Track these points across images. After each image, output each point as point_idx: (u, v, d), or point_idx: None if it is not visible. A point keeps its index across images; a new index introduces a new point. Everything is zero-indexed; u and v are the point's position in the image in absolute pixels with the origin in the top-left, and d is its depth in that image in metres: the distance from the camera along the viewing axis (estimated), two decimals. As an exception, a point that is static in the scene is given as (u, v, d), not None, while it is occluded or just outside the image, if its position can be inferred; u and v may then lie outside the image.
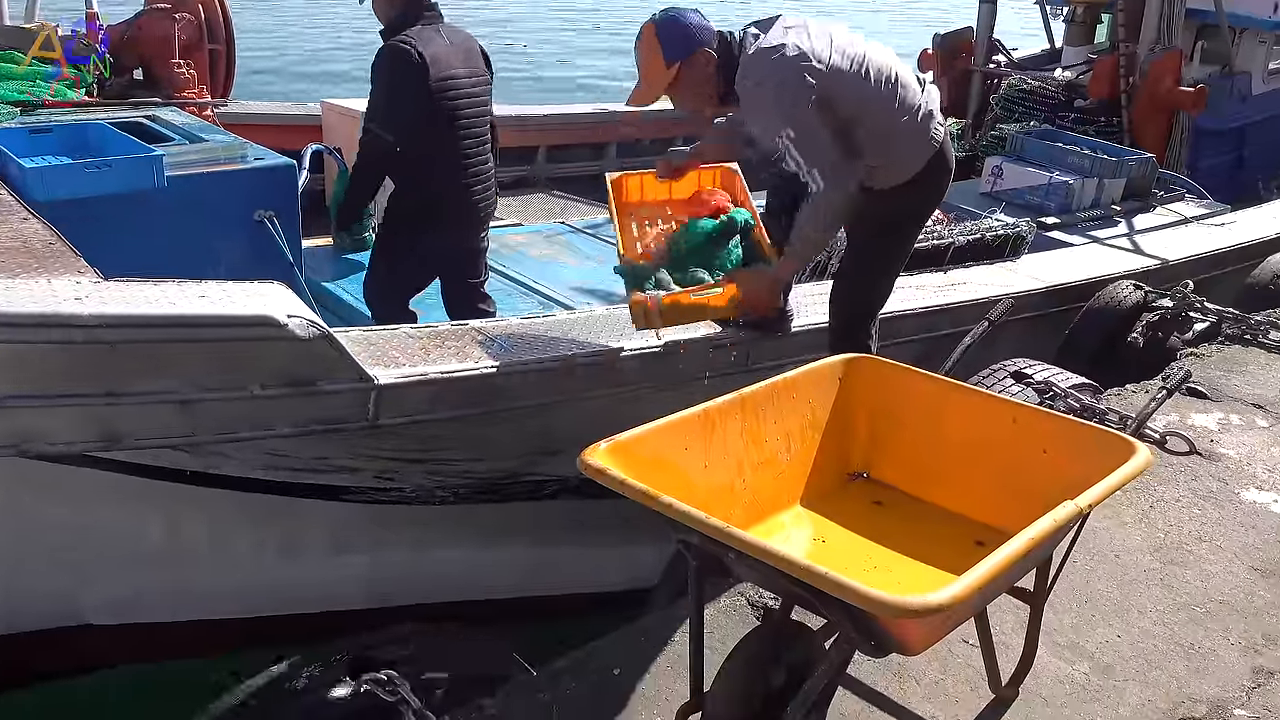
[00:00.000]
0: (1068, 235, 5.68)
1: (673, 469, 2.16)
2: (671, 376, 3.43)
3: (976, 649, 2.44)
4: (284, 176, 4.09)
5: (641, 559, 3.94)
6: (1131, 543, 3.22)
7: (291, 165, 4.15)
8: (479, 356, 3.17)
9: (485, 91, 4.14)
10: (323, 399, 2.87)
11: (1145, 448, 2.17)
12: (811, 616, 2.14)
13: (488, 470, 3.57)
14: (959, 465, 2.44)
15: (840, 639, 1.95)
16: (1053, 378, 3.94)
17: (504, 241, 5.57)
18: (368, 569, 3.80)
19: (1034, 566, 2.30)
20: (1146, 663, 2.70)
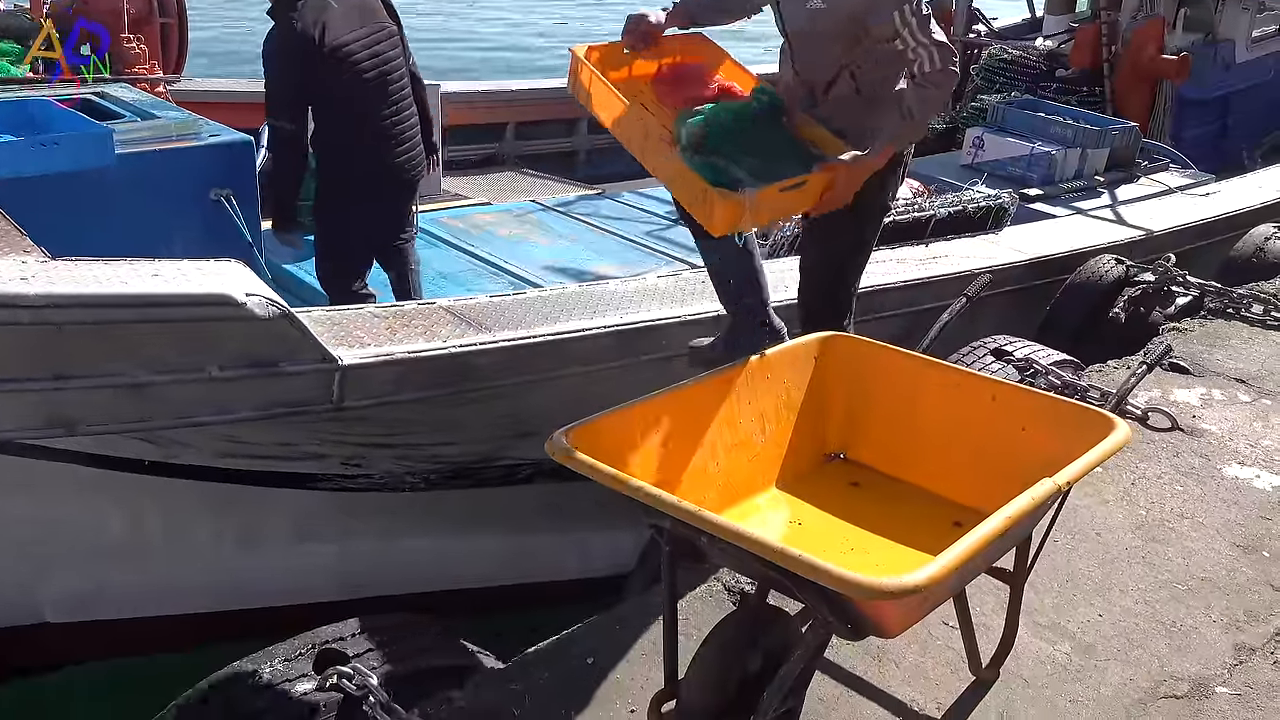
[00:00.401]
0: (1051, 207, 5.71)
1: (644, 452, 2.16)
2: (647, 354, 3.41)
3: (956, 631, 2.45)
4: (241, 154, 4.04)
5: (621, 544, 3.93)
6: (1113, 521, 3.25)
7: (249, 142, 4.10)
8: (446, 335, 3.15)
9: (391, 45, 4.04)
10: (285, 381, 2.84)
11: (1124, 424, 2.19)
12: (789, 601, 2.14)
13: (458, 454, 3.55)
14: (937, 445, 2.45)
15: (816, 623, 1.96)
16: (1033, 354, 3.96)
17: (472, 221, 5.54)
18: (336, 560, 3.78)
19: (1013, 546, 2.31)
20: (1128, 641, 2.73)
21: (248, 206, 4.02)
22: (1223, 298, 4.92)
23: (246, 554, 3.66)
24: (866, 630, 1.96)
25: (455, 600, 3.87)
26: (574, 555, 4.10)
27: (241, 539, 3.65)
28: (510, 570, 4.04)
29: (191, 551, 3.58)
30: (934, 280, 4.36)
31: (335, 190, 4.04)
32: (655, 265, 4.89)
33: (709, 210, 2.52)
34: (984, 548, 1.84)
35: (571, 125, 7.56)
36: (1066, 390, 3.72)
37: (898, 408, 2.53)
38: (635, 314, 3.51)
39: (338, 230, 4.09)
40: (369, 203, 4.04)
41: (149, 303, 2.55)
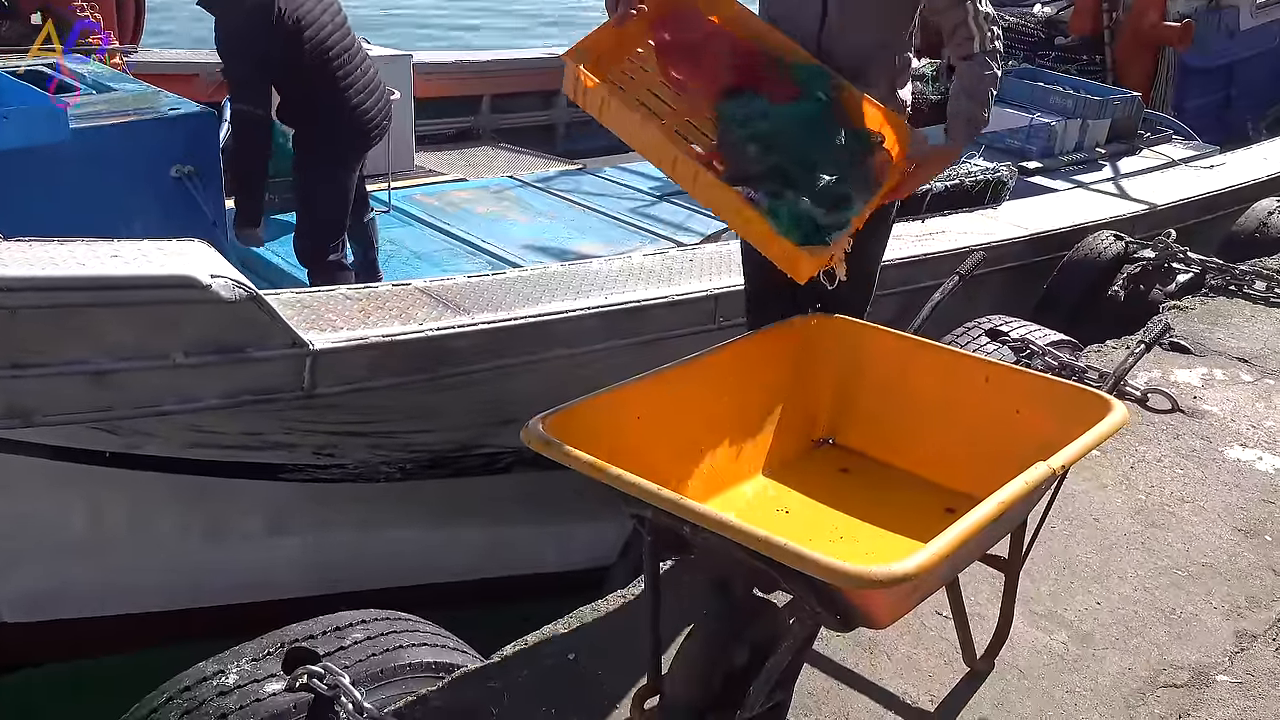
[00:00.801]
0: (1051, 180, 5.73)
1: (625, 439, 2.15)
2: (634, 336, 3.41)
3: (950, 621, 2.46)
4: (203, 129, 4.00)
5: (605, 536, 3.94)
6: (1111, 506, 3.27)
7: (211, 116, 4.06)
8: (423, 318, 3.14)
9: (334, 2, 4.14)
10: (253, 367, 2.82)
11: (1121, 405, 2.20)
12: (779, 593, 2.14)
13: (436, 443, 3.54)
14: (929, 428, 2.46)
15: (804, 614, 1.95)
16: (1030, 335, 3.98)
17: (448, 198, 5.52)
18: (308, 553, 3.77)
19: (1007, 532, 2.32)
20: (1127, 630, 2.75)
21: (210, 184, 3.99)
22: (1225, 274, 4.95)
23: (214, 548, 3.64)
24: (856, 621, 1.95)
25: (433, 594, 3.85)
26: (556, 547, 4.10)
27: (209, 533, 3.63)
28: (490, 563, 4.04)
29: (156, 546, 3.55)
30: (930, 257, 4.37)
31: (318, 155, 4.10)
32: (640, 243, 4.88)
33: (793, 264, 2.39)
34: (977, 534, 1.84)
35: (550, 97, 7.52)
36: (1064, 371, 3.74)
37: (888, 391, 2.53)
38: (621, 294, 3.50)
39: (325, 196, 4.14)
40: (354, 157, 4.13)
41: (108, 285, 2.53)
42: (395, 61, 5.75)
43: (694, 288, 3.64)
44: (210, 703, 2.18)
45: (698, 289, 3.64)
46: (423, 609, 3.05)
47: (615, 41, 2.57)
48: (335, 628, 2.40)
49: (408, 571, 3.87)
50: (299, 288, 3.45)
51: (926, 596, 2.21)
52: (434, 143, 6.81)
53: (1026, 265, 4.77)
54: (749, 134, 2.43)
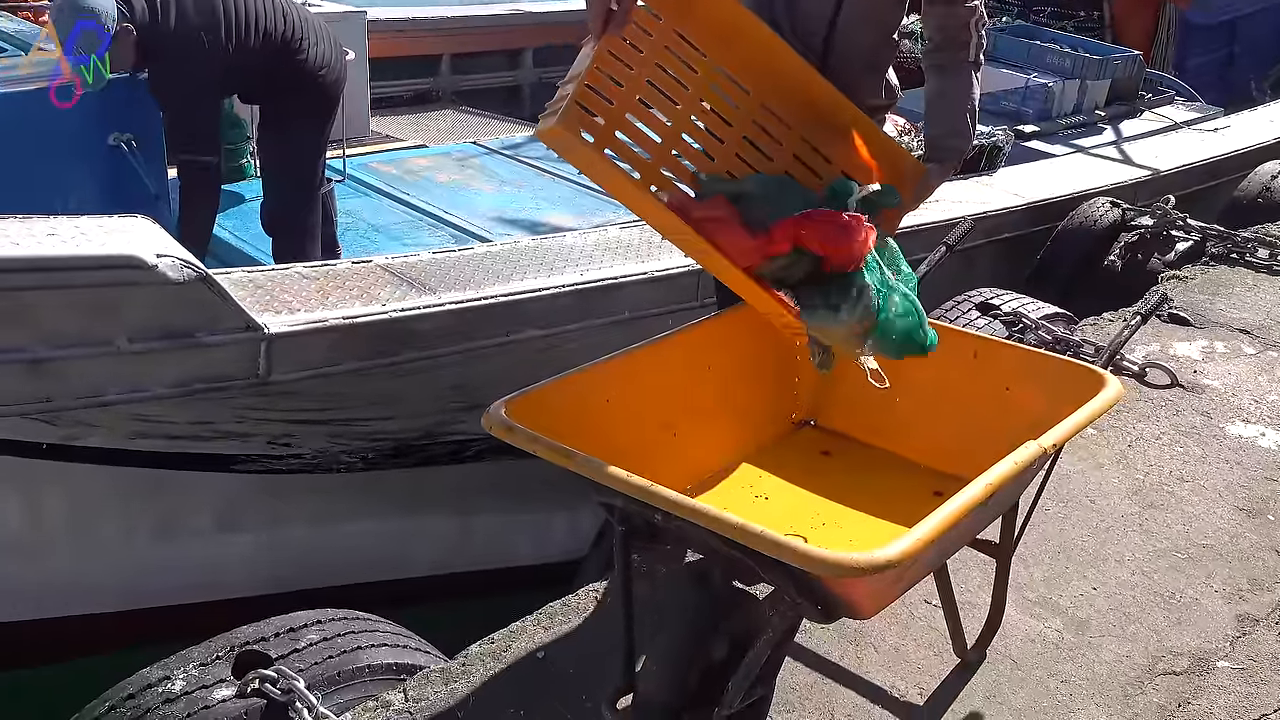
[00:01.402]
0: (1048, 145, 5.77)
1: (594, 423, 2.15)
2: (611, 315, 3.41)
3: (939, 609, 2.48)
4: (143, 93, 3.93)
5: (580, 526, 3.95)
6: (1108, 486, 3.31)
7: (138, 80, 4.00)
8: (386, 298, 3.13)
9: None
10: (203, 353, 2.81)
11: (1115, 380, 2.22)
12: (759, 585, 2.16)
13: (400, 430, 3.54)
14: (915, 408, 2.47)
15: (784, 605, 1.97)
16: (1022, 308, 4.01)
17: (406, 166, 5.48)
18: (263, 550, 3.76)
19: (998, 515, 2.34)
20: (1124, 616, 2.79)
21: (151, 152, 3.94)
22: (1226, 242, 5.01)
23: (161, 546, 3.62)
24: (839, 612, 1.97)
25: (398, 591, 3.87)
26: (530, 538, 4.11)
27: (156, 530, 3.61)
28: (459, 556, 4.04)
29: (98, 545, 3.53)
30: (923, 228, 4.38)
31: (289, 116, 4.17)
32: (615, 214, 4.84)
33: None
34: (965, 518, 1.85)
35: (515, 56, 7.48)
36: (1058, 346, 3.78)
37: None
38: (597, 270, 3.50)
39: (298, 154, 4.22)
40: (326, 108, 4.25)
41: (45, 266, 2.50)
42: (347, 19, 5.68)
43: (675, 262, 3.63)
44: (155, 711, 2.17)
45: (679, 264, 3.63)
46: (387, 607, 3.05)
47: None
48: (289, 629, 2.39)
49: (370, 567, 3.86)
50: (251, 266, 3.41)
51: (913, 584, 2.23)
52: (390, 106, 6.75)
53: (1024, 235, 4.80)
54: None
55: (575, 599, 2.72)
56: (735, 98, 2.19)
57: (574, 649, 2.55)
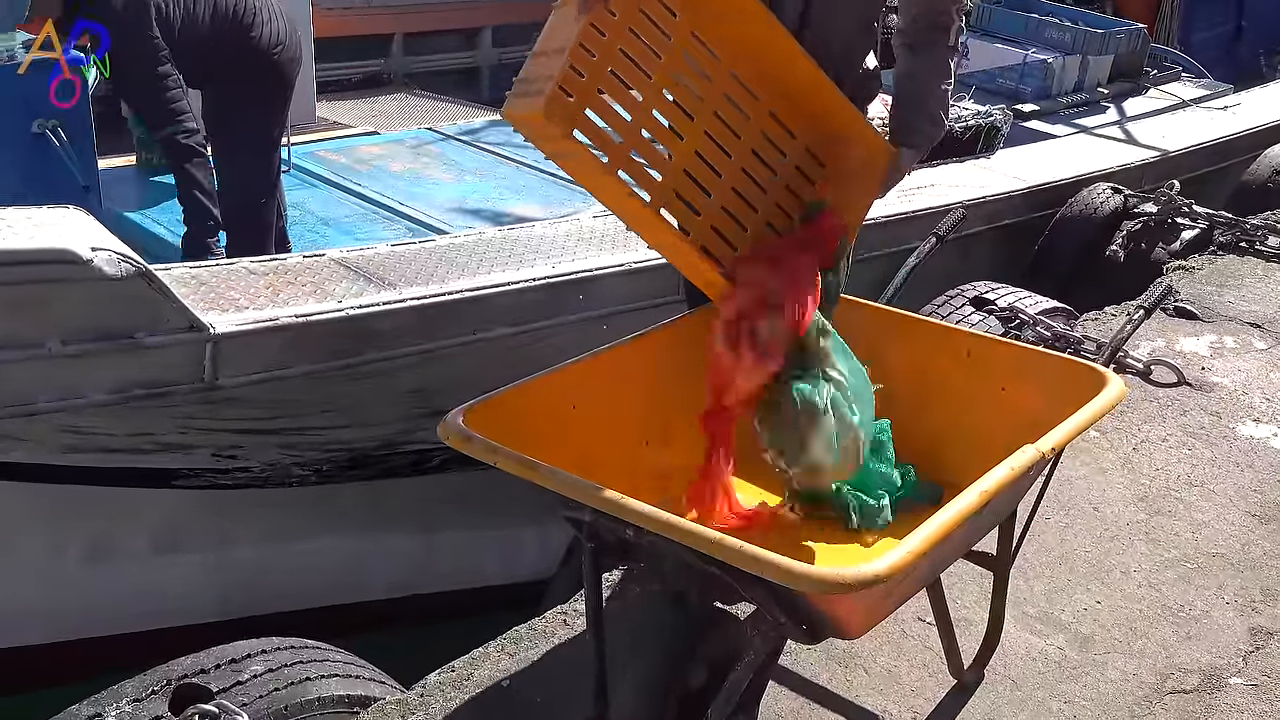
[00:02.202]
0: (1049, 125, 5.84)
1: (560, 431, 2.16)
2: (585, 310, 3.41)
3: (933, 628, 2.49)
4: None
5: (552, 543, 3.95)
6: (1112, 493, 3.34)
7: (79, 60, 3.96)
8: (341, 294, 3.13)
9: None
10: (143, 356, 2.80)
11: (1117, 378, 2.24)
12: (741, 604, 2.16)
13: (357, 440, 3.53)
14: (904, 410, 2.47)
15: (766, 625, 1.97)
16: (1019, 302, 4.05)
17: (356, 155, 5.46)
18: (208, 573, 3.74)
19: (995, 525, 2.35)
20: (1131, 631, 2.81)
21: (80, 140, 3.90)
22: (1234, 230, 5.06)
23: (95, 571, 3.60)
24: (825, 631, 1.97)
25: (356, 616, 3.86)
26: (499, 556, 4.11)
27: (87, 553, 3.58)
28: (422, 577, 4.04)
29: (24, 570, 3.50)
30: (918, 215, 4.42)
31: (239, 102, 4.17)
32: (584, 203, 4.85)
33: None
34: (958, 528, 1.86)
35: (473, 36, 7.48)
36: (1057, 343, 3.81)
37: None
38: (569, 263, 3.50)
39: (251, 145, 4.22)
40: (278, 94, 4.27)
41: (-32, 263, 2.47)
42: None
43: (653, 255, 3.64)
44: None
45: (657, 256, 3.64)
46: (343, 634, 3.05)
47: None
48: (231, 660, 2.37)
49: (325, 591, 3.85)
50: (193, 262, 3.39)
51: (905, 600, 2.24)
52: (338, 90, 6.73)
53: (1025, 222, 4.85)
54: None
55: (542, 622, 2.73)
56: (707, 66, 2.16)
57: (541, 676, 2.55)
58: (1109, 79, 6.36)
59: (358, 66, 7.03)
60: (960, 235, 4.43)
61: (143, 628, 3.59)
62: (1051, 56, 6.14)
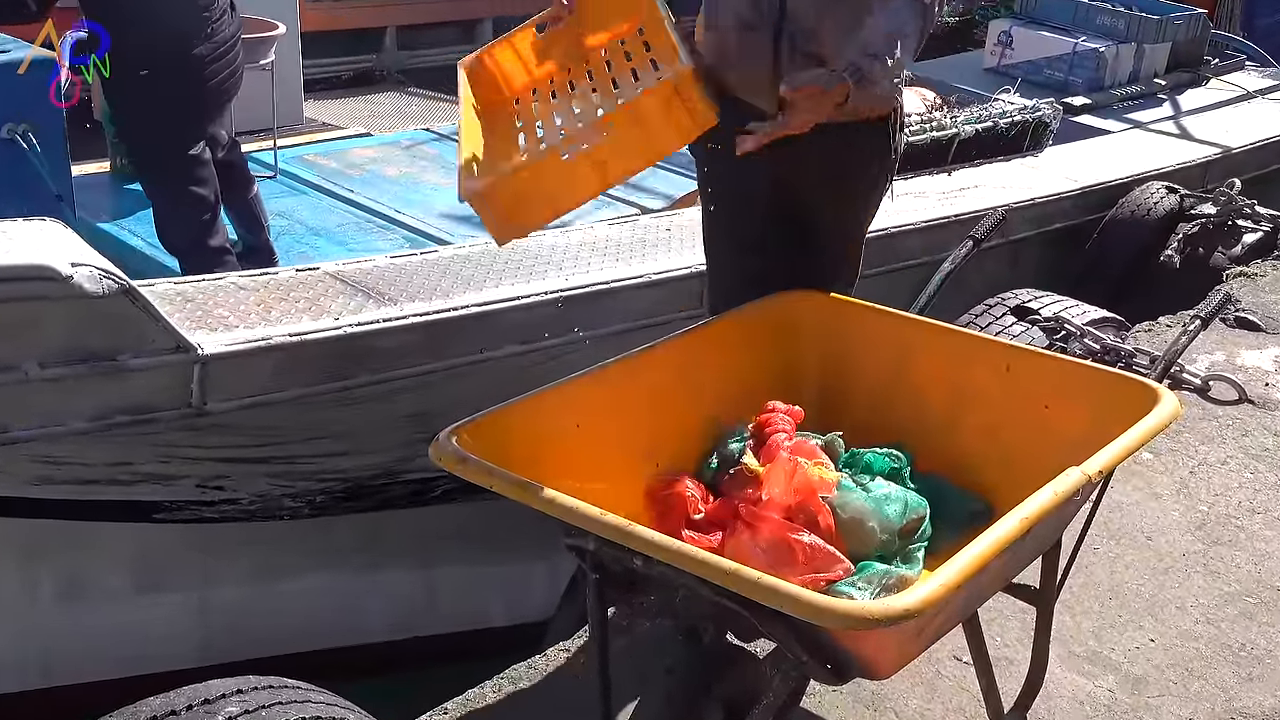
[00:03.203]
0: (1101, 120, 5.86)
1: (563, 452, 2.17)
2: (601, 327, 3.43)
3: (970, 667, 2.48)
4: (39, 76, 3.94)
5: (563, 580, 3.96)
6: (1167, 520, 3.35)
7: (51, 60, 4.01)
8: (339, 311, 3.15)
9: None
10: (126, 380, 2.82)
11: (1170, 395, 2.24)
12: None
13: (354, 468, 3.55)
14: (937, 428, 2.49)
15: (787, 664, 1.96)
16: (1064, 312, 4.06)
17: (348, 159, 5.52)
18: (191, 614, 3.75)
19: (1038, 555, 2.34)
20: (1187, 672, 2.82)
21: (52, 146, 3.94)
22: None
23: (69, 612, 3.61)
24: (852, 671, 1.97)
25: (349, 659, 3.86)
26: (504, 595, 4.12)
27: (61, 593, 3.60)
28: (422, 618, 4.05)
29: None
30: (960, 219, 4.44)
31: (150, 104, 4.16)
32: (602, 210, 4.90)
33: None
34: (997, 558, 1.85)
35: (471, 28, 7.53)
36: (1106, 356, 3.82)
37: (887, 383, 2.57)
38: (582, 275, 3.53)
39: (173, 157, 4.20)
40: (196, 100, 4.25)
41: (-62, 281, 2.51)
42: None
43: (674, 264, 3.68)
44: None
45: (678, 265, 3.68)
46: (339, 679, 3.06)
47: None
48: (204, 700, 2.35)
49: (319, 632, 3.87)
50: (177, 277, 3.43)
51: (939, 638, 2.23)
52: (327, 88, 6.81)
53: (1076, 226, 4.86)
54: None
55: (543, 660, 2.75)
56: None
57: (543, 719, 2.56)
58: (1166, 69, 6.39)
59: (348, 63, 7.11)
60: (1007, 241, 4.45)
61: (120, 674, 3.59)
62: (1103, 45, 6.17)
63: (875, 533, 2.17)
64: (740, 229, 2.89)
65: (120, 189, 5.05)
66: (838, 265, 2.90)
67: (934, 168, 4.82)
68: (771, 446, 2.31)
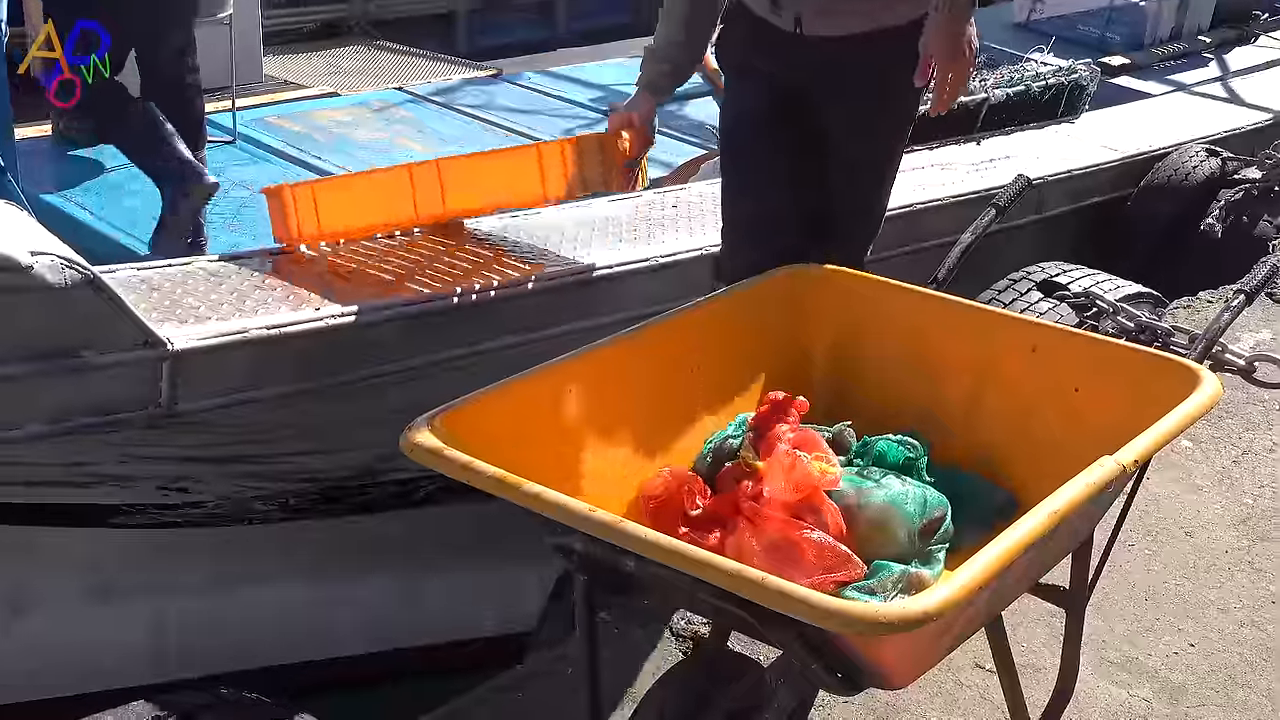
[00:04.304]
0: (1141, 82, 5.88)
1: (547, 443, 2.17)
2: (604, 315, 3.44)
3: (994, 675, 2.51)
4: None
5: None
6: (1208, 514, 3.40)
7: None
8: (320, 299, 3.15)
9: None
10: (89, 379, 2.81)
11: (1212, 377, 2.24)
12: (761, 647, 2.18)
13: (331, 468, 3.57)
14: (956, 413, 2.51)
15: (793, 672, 1.96)
16: (1096, 286, 4.08)
17: (313, 121, 5.51)
18: (152, 627, 3.77)
19: (1067, 553, 2.36)
20: (1229, 679, 2.85)
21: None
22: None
23: (16, 626, 3.62)
24: (865, 681, 1.96)
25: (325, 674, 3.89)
26: (495, 603, 4.14)
27: (9, 602, 3.60)
28: (406, 629, 4.07)
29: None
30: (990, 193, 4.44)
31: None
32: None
33: None
34: (1022, 556, 1.83)
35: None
36: (1142, 335, 3.82)
37: (902, 364, 2.58)
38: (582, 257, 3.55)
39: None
40: None
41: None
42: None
43: (684, 245, 3.70)
44: None
45: (689, 246, 3.70)
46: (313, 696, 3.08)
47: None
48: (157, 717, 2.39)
49: (291, 645, 3.89)
50: (136, 262, 3.42)
51: (960, 643, 2.23)
52: (289, 41, 6.77)
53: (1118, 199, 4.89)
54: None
55: (527, 669, 2.78)
56: None
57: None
58: (1211, 25, 6.41)
59: (312, 13, 7.06)
60: (1043, 216, 4.48)
61: (71, 691, 3.61)
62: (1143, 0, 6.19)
63: (892, 532, 2.18)
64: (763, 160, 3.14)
65: (62, 157, 5.04)
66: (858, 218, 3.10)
67: (961, 136, 4.83)
68: (772, 439, 2.30)
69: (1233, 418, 3.77)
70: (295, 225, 3.43)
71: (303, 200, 3.43)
